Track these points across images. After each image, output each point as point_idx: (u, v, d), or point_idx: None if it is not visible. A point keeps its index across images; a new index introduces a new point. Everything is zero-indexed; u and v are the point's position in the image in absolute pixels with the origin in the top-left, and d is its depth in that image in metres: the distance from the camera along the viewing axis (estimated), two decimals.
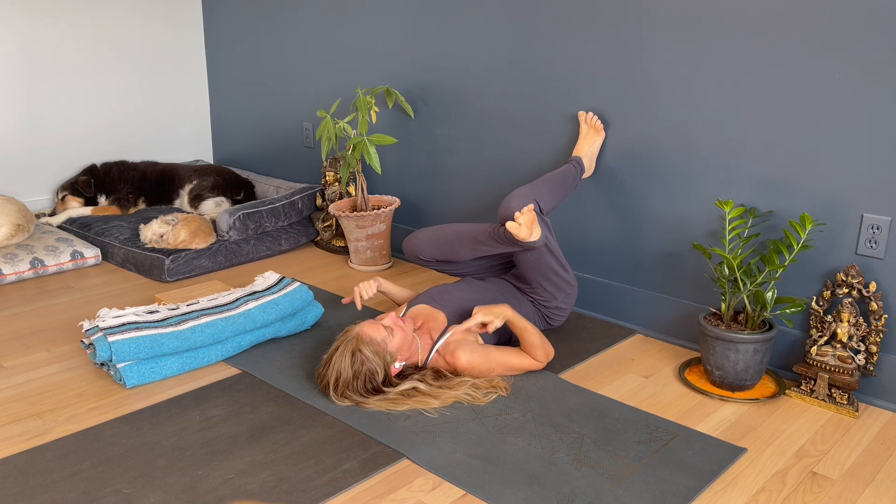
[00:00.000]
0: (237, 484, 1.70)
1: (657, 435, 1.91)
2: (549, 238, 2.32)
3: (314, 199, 3.51)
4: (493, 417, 1.97)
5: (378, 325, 2.06)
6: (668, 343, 2.50)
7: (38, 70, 3.58)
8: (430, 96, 3.07)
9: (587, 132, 2.55)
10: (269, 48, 3.74)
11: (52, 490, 1.67)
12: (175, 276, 3.00)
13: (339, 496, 1.67)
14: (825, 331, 2.10)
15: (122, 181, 3.65)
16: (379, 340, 2.02)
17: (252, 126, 3.99)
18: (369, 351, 2.00)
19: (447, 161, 3.09)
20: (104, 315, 2.21)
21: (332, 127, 2.94)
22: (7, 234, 3.08)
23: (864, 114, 2.02)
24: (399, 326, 2.09)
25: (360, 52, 3.31)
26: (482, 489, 1.68)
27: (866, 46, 1.99)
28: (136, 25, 3.87)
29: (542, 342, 2.19)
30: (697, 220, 2.40)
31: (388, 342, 2.04)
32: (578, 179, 2.51)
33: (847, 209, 2.10)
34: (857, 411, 2.04)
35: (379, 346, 2.02)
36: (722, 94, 2.27)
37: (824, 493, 1.71)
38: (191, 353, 2.22)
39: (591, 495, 1.67)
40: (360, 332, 2.03)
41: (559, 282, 2.38)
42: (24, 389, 2.14)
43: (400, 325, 2.09)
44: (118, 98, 3.88)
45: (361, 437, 1.89)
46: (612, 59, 2.48)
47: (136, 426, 1.93)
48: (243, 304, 2.36)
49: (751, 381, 2.12)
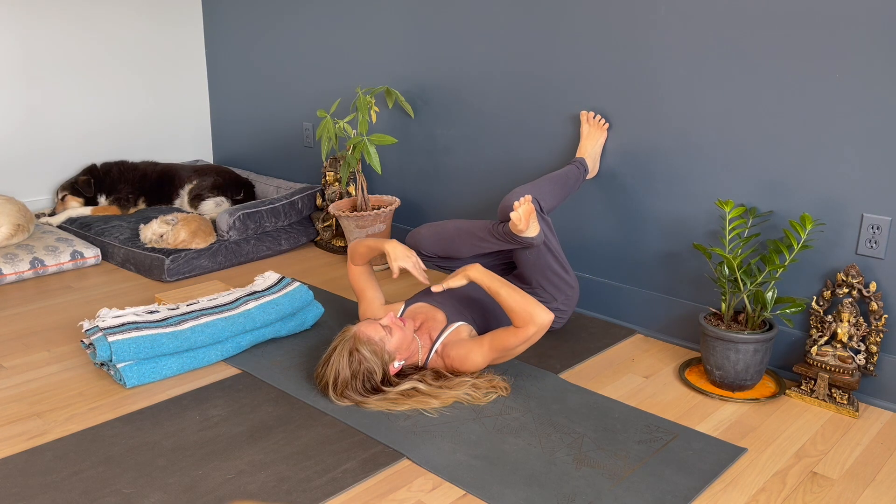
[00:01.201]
0: (237, 484, 1.70)
1: (657, 435, 1.91)
2: (548, 237, 2.32)
3: (314, 199, 3.51)
4: (493, 417, 1.97)
5: (376, 324, 2.06)
6: (668, 343, 2.50)
7: (38, 70, 3.58)
8: (430, 96, 3.07)
9: (590, 132, 2.55)
10: (269, 48, 3.74)
11: (52, 490, 1.67)
12: (175, 276, 3.00)
13: (339, 496, 1.67)
14: (825, 331, 2.10)
15: (122, 181, 3.65)
16: (377, 340, 2.02)
17: (252, 126, 3.99)
18: (367, 350, 2.00)
19: (447, 161, 3.09)
20: (104, 315, 2.21)
21: (332, 127, 2.94)
22: (7, 234, 3.08)
23: (864, 114, 2.02)
24: (398, 326, 2.08)
25: (360, 52, 3.31)
26: (482, 489, 1.68)
27: (866, 46, 1.99)
28: (136, 25, 3.87)
29: (525, 304, 2.01)
30: (697, 220, 2.40)
31: (386, 341, 2.04)
32: (581, 180, 2.51)
33: (847, 209, 2.10)
34: (857, 411, 2.04)
35: (377, 345, 2.02)
36: (722, 94, 2.27)
37: (824, 493, 1.71)
38: (191, 353, 2.22)
39: (591, 495, 1.67)
40: (357, 331, 2.03)
41: (559, 282, 2.37)
42: (24, 389, 2.14)
43: (399, 325, 2.09)
44: (118, 98, 3.88)
45: (361, 437, 1.89)
46: (613, 60, 2.48)
47: (136, 426, 1.93)
48: (243, 304, 2.36)
49: (751, 381, 2.12)
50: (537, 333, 2.03)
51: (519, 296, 2.04)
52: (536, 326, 2.02)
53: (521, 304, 2.03)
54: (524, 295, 2.04)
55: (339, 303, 2.77)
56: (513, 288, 2.06)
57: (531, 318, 2.01)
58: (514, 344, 2.05)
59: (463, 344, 2.12)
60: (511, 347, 2.07)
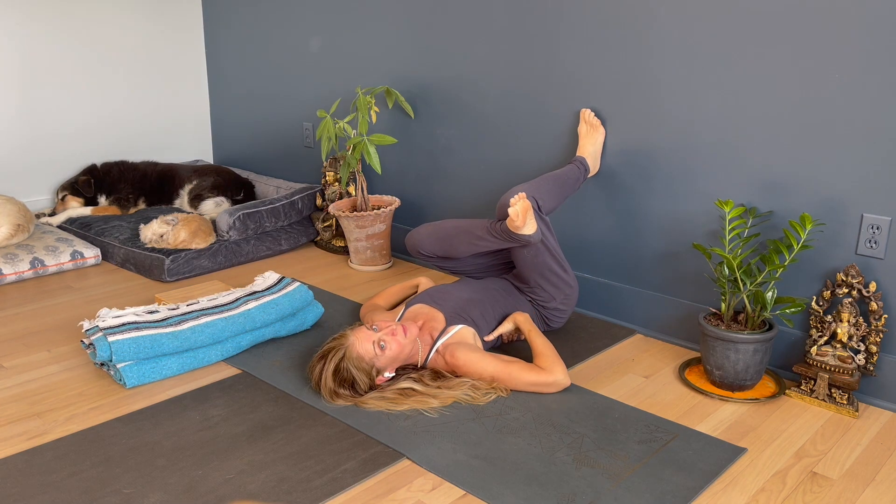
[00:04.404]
0: (237, 484, 1.70)
1: (657, 435, 1.91)
2: (547, 236, 2.32)
3: (314, 199, 3.51)
4: (493, 417, 1.97)
5: (370, 341, 2.03)
6: (668, 343, 2.50)
7: (38, 70, 3.58)
8: (430, 96, 3.07)
9: (587, 131, 2.55)
10: (269, 48, 3.74)
11: (52, 490, 1.67)
12: (175, 276, 3.00)
13: (339, 496, 1.67)
14: (825, 331, 2.10)
15: (122, 181, 3.65)
16: (367, 359, 2.02)
17: (252, 126, 3.99)
18: (354, 367, 2.01)
19: (447, 161, 3.09)
20: (104, 315, 2.21)
21: (332, 127, 2.94)
22: (7, 234, 3.08)
23: (864, 114, 2.02)
24: (398, 341, 2.06)
25: (360, 52, 3.31)
26: (482, 489, 1.68)
27: (866, 46, 1.99)
28: (136, 25, 3.87)
29: (555, 355, 2.12)
30: (697, 220, 2.40)
31: (377, 360, 2.03)
32: (582, 180, 2.51)
33: (847, 209, 2.10)
34: (857, 411, 2.04)
35: (366, 363, 2.02)
36: (722, 93, 2.27)
37: (824, 493, 1.71)
38: (191, 353, 2.22)
39: (591, 495, 1.67)
40: (350, 347, 2.02)
41: (558, 282, 2.37)
42: (24, 389, 2.14)
43: (398, 340, 2.06)
44: (118, 98, 3.88)
45: (361, 437, 1.89)
46: (612, 59, 2.48)
47: (136, 426, 1.93)
48: (243, 304, 2.36)
49: (751, 381, 2.13)
50: (550, 386, 2.08)
51: (551, 348, 2.15)
52: (554, 377, 2.07)
53: (553, 352, 2.13)
54: (556, 352, 2.14)
55: (339, 303, 2.77)
56: (547, 341, 2.18)
57: (555, 367, 2.08)
58: (526, 378, 2.07)
59: (474, 349, 2.12)
60: (519, 378, 2.07)
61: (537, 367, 2.09)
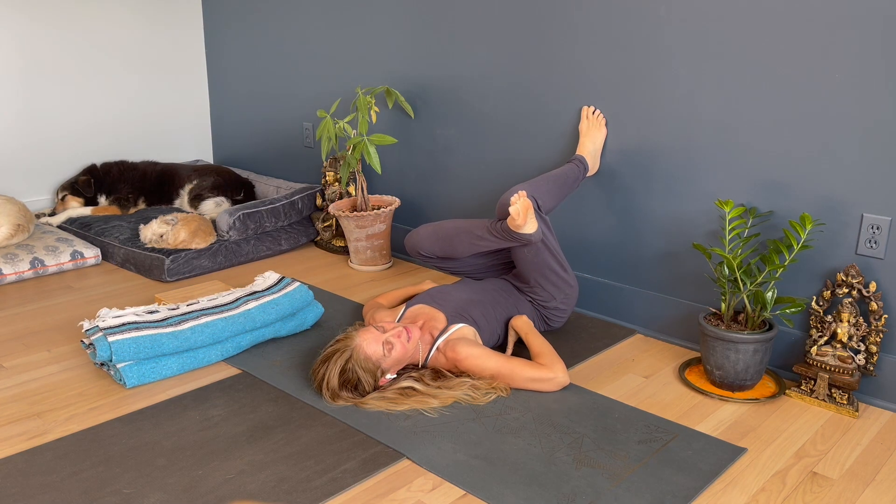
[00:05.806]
0: (237, 484, 1.70)
1: (657, 435, 1.91)
2: (547, 235, 2.32)
3: (314, 199, 3.51)
4: (493, 417, 1.97)
5: (378, 342, 2.04)
6: (668, 343, 2.50)
7: (38, 70, 3.58)
8: (430, 96, 3.07)
9: (588, 129, 2.55)
10: (269, 48, 3.74)
11: (52, 490, 1.67)
12: (175, 276, 3.00)
13: (339, 496, 1.67)
14: (825, 331, 2.10)
15: (122, 181, 3.65)
16: (374, 360, 2.03)
17: (252, 126, 3.99)
18: (360, 368, 2.01)
19: (447, 161, 3.09)
20: (104, 315, 2.21)
21: (332, 127, 2.94)
22: (7, 234, 3.08)
23: (865, 114, 2.02)
24: (402, 343, 2.07)
25: (359, 52, 3.31)
26: (482, 489, 1.68)
27: (866, 46, 1.99)
28: (136, 25, 3.87)
29: (554, 354, 2.14)
30: (697, 220, 2.40)
31: (383, 360, 2.04)
32: (581, 179, 2.51)
33: (847, 209, 2.10)
34: (857, 411, 2.04)
35: (373, 364, 2.03)
36: (722, 94, 2.27)
37: (824, 493, 1.71)
38: (191, 353, 2.22)
39: (591, 495, 1.67)
40: (357, 347, 2.02)
41: (558, 281, 2.37)
42: (24, 389, 2.14)
43: (403, 342, 2.07)
44: (118, 98, 3.88)
45: (361, 437, 1.89)
46: (613, 60, 2.48)
47: (136, 426, 1.93)
48: (243, 304, 2.36)
49: (751, 381, 2.12)
50: (551, 382, 2.09)
51: (550, 347, 2.17)
52: (555, 374, 2.08)
53: (552, 351, 2.15)
54: (554, 351, 2.16)
55: (339, 303, 2.77)
56: (545, 341, 2.20)
57: (555, 365, 2.10)
58: (527, 373, 2.08)
59: (475, 345, 2.13)
60: (520, 373, 2.08)
61: (538, 364, 2.11)
